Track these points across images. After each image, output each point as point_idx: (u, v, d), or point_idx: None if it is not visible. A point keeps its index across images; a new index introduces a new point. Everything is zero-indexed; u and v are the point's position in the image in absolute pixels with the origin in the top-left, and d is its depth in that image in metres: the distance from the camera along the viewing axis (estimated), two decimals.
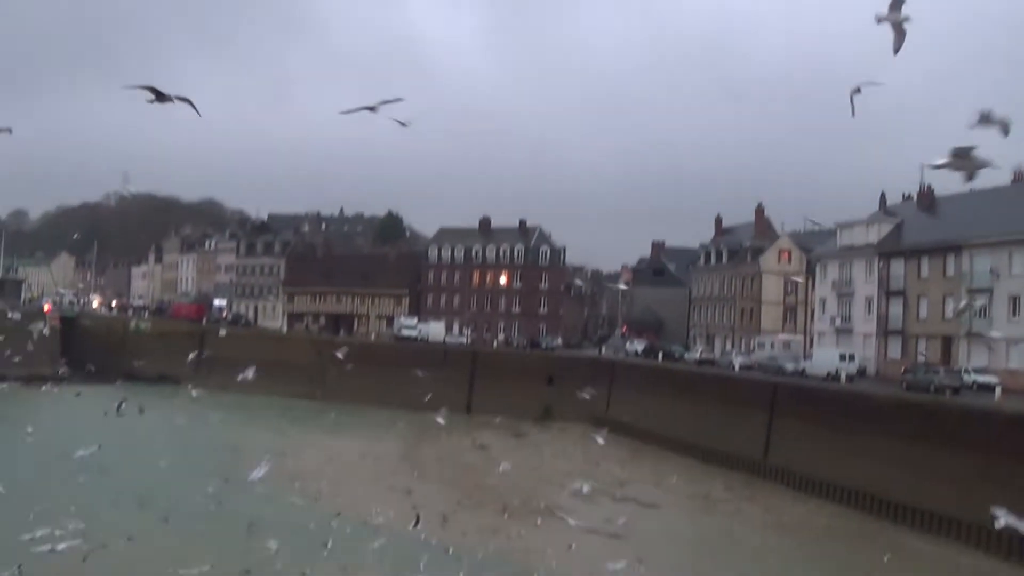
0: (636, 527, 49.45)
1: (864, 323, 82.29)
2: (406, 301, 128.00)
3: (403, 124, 16.26)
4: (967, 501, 42.77)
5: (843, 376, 67.93)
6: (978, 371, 63.61)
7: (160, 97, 13.12)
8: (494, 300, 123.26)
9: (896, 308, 78.41)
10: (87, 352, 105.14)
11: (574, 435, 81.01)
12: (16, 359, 72.78)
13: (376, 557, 39.56)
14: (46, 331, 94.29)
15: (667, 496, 58.28)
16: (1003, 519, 16.04)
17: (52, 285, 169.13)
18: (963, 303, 67.77)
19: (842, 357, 72.41)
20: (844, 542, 47.69)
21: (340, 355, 48.92)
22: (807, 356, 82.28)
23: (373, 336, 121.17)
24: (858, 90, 13.30)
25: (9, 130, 18.70)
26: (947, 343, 72.60)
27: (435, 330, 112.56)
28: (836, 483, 55.83)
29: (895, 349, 78.32)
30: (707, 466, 66.77)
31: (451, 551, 40.48)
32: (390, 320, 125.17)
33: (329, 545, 37.85)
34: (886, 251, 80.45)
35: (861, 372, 72.42)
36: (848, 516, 52.31)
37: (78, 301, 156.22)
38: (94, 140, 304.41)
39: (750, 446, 64.57)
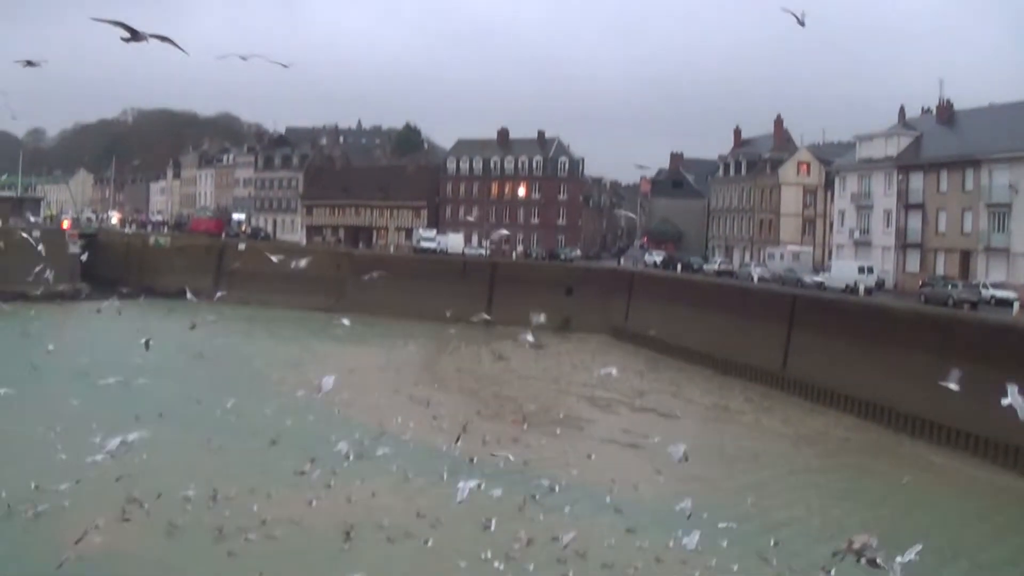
0: (654, 437, 49.64)
1: (883, 236, 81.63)
2: (425, 213, 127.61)
3: (284, 65, 15.57)
4: (984, 416, 42.64)
5: (862, 289, 67.55)
6: (996, 286, 63.14)
7: (135, 36, 12.39)
8: (513, 211, 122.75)
9: (915, 221, 77.76)
10: (107, 268, 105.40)
11: (593, 346, 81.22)
12: (36, 277, 72.86)
13: (397, 467, 39.91)
14: (75, 250, 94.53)
15: (686, 407, 58.48)
16: (1011, 397, 15.96)
17: (71, 202, 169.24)
18: None
19: (861, 270, 72.00)
20: (862, 454, 47.81)
21: (375, 276, 48.57)
22: (823, 268, 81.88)
23: (392, 248, 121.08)
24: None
25: (40, 63, 18.43)
26: (965, 257, 72.05)
27: (454, 242, 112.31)
28: (854, 396, 55.82)
29: (913, 262, 77.77)
30: (725, 377, 66.87)
31: (471, 461, 40.71)
32: (409, 232, 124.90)
33: (351, 457, 38.16)
34: (905, 164, 79.59)
35: (880, 285, 71.97)
36: (866, 429, 52.38)
37: (97, 218, 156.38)
38: (109, 59, 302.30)
39: (768, 358, 64.55)
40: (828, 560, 30.05)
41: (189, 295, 50.18)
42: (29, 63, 18.65)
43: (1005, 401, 16.14)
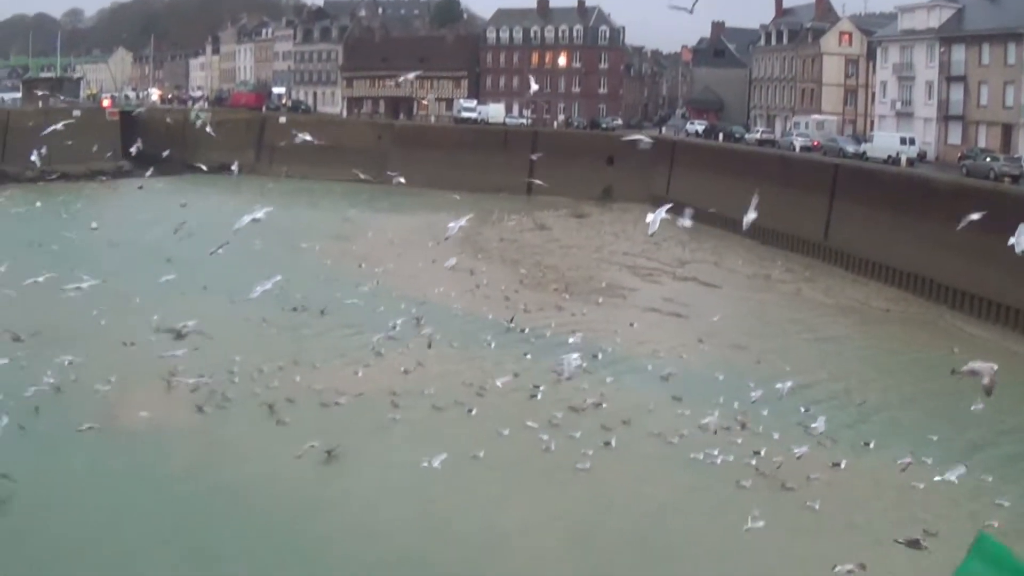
0: (696, 306, 49.56)
1: (924, 108, 79.86)
2: (465, 83, 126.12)
3: None
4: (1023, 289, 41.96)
5: (903, 160, 66.27)
6: None
7: None
8: (553, 81, 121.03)
9: (956, 94, 75.94)
10: (148, 145, 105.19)
11: (635, 215, 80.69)
12: (78, 155, 72.99)
13: (442, 337, 40.04)
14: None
15: (727, 276, 58.14)
16: (1017, 236, 15.59)
17: (110, 81, 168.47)
18: None
19: (903, 141, 70.50)
20: (902, 325, 47.40)
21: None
22: (865, 138, 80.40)
23: (433, 119, 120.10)
24: None
25: None
26: (1007, 131, 70.44)
27: (494, 112, 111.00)
28: (895, 267, 55.15)
29: (955, 135, 76.15)
30: (767, 247, 66.39)
31: (515, 329, 40.82)
32: (449, 103, 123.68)
33: (396, 327, 38.33)
34: (947, 36, 77.42)
35: (921, 157, 70.52)
36: (906, 300, 51.78)
37: (137, 96, 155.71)
38: None
39: (810, 228, 63.80)
40: (869, 431, 30.15)
41: (234, 168, 49.97)
42: None
43: (1011, 241, 15.71)
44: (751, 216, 22.07)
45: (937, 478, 25.14)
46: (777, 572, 22.45)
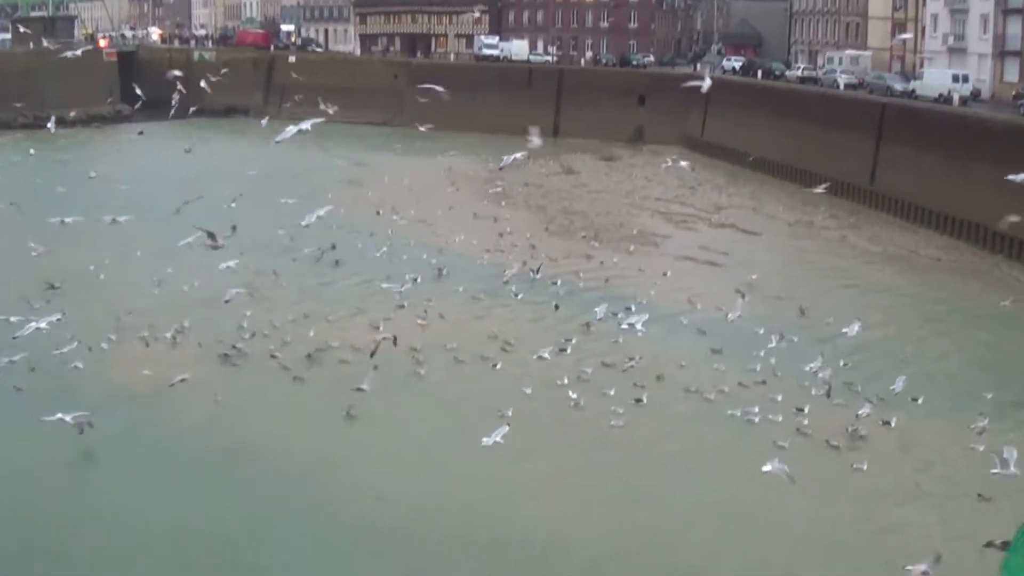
0: (734, 254, 49.34)
1: (979, 43, 78.68)
2: (486, 19, 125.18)
3: None
4: None
5: (956, 98, 65.47)
6: None
7: None
8: (580, 15, 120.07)
9: (1014, 27, 74.71)
10: (148, 88, 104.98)
11: (668, 158, 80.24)
12: (73, 99, 72.74)
13: (464, 288, 40.04)
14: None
15: (767, 223, 57.75)
16: None
17: (107, 20, 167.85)
18: None
19: (955, 78, 69.50)
20: (953, 275, 46.97)
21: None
22: (914, 75, 79.46)
23: (452, 57, 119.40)
24: None
25: None
26: None
27: (518, 48, 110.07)
28: (947, 213, 54.50)
29: (1012, 72, 75.05)
30: (809, 192, 66.00)
31: (541, 279, 40.76)
32: (469, 40, 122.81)
33: (417, 279, 38.35)
34: None
35: (975, 95, 69.59)
36: (958, 248, 51.22)
37: (135, 35, 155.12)
38: None
39: (855, 171, 63.19)
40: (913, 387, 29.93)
41: (258, 120, 49.24)
42: None
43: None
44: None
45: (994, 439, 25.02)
46: (822, 540, 22.39)
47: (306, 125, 20.55)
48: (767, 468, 20.98)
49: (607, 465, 25.28)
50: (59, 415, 24.27)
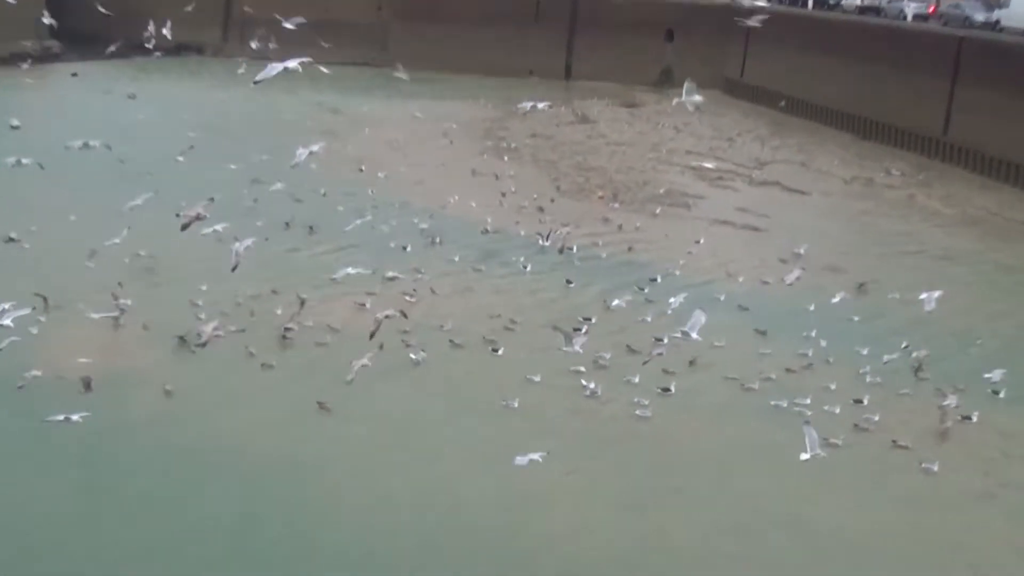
0: (779, 218, 49.26)
1: None
2: None
3: None
4: None
5: None
6: None
7: None
8: None
9: None
10: (83, 20, 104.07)
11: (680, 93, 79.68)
12: None
13: (461, 257, 39.95)
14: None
15: (818, 180, 57.68)
16: None
17: None
18: None
19: None
20: None
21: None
22: (999, 4, 79.04)
23: None
24: None
25: None
26: None
27: None
28: None
29: None
30: (868, 143, 65.75)
31: (552, 247, 40.63)
32: None
33: (407, 248, 38.24)
34: None
35: None
36: None
37: None
38: None
39: (925, 119, 63.09)
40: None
41: (215, 59, 48.91)
42: None
43: None
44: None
45: None
46: (884, 553, 22.33)
47: (293, 63, 20.26)
48: (804, 456, 20.71)
49: (629, 465, 25.21)
50: None
